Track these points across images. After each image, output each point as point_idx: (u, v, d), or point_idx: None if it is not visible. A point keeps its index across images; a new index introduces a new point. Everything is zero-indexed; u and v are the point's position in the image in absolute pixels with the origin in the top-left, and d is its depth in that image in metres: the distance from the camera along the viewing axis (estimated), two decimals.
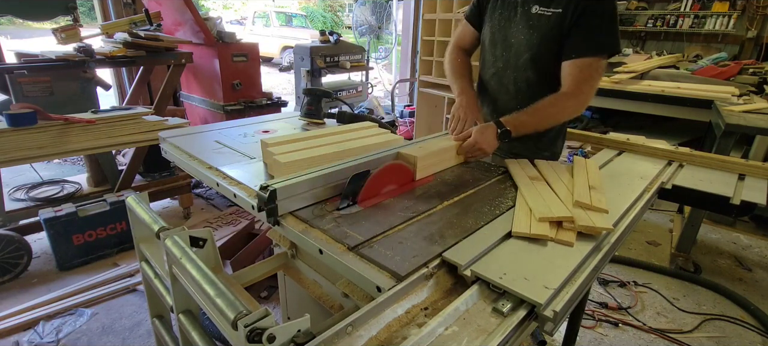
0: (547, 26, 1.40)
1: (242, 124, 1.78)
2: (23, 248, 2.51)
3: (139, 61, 3.10)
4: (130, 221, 1.31)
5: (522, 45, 1.48)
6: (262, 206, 0.99)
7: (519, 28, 1.47)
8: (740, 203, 1.23)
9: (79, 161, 4.20)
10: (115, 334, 2.11)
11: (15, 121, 2.23)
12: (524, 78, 1.52)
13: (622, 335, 2.23)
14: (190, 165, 1.34)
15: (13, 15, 2.87)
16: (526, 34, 1.46)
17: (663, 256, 2.99)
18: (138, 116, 2.64)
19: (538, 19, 1.42)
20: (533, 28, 1.44)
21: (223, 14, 16.54)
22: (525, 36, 1.46)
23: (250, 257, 2.38)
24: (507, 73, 1.56)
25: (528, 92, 1.51)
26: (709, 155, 1.52)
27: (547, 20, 1.40)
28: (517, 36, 1.48)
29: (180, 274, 1.00)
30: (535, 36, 1.43)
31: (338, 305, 1.08)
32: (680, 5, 5.87)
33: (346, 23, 18.90)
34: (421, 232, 0.95)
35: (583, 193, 1.10)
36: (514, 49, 1.50)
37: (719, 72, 3.93)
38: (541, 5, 1.41)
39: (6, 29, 12.92)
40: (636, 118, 4.23)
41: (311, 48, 4.68)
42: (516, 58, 1.51)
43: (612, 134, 1.77)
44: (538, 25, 1.42)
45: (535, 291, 0.74)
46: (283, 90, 9.36)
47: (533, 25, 1.43)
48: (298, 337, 0.64)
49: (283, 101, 4.02)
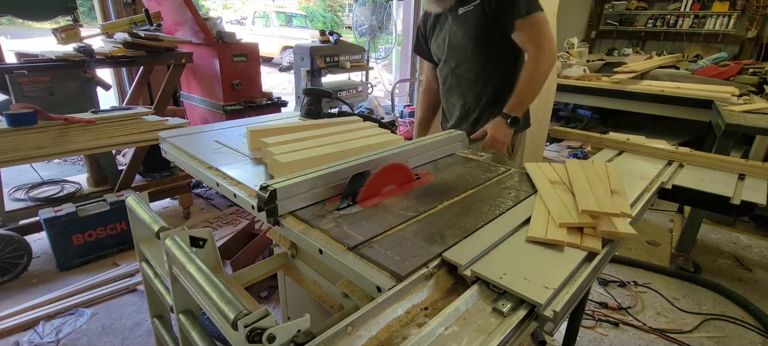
0: (475, 15, 1.66)
1: (242, 124, 1.78)
2: (23, 248, 2.51)
3: (139, 61, 3.10)
4: (130, 221, 1.31)
5: (462, 39, 1.75)
6: (262, 206, 0.99)
7: (454, 30, 1.76)
8: (740, 203, 1.23)
9: (79, 161, 4.19)
10: (115, 334, 2.11)
11: (15, 121, 2.23)
12: (477, 63, 1.77)
13: (622, 335, 2.23)
14: (190, 165, 1.34)
15: (13, 15, 2.87)
16: (462, 30, 1.73)
17: (663, 256, 2.99)
18: (138, 116, 2.64)
19: (466, 15, 1.69)
20: (465, 23, 1.70)
21: (223, 14, 16.55)
22: (462, 32, 1.73)
23: (250, 257, 2.38)
24: (460, 66, 1.82)
25: (485, 72, 1.77)
26: (709, 155, 1.52)
27: (474, 12, 1.66)
28: (456, 35, 1.76)
29: (180, 274, 1.00)
30: (470, 27, 1.70)
31: (338, 305, 1.08)
32: (680, 5, 5.88)
33: (346, 23, 18.89)
34: (421, 232, 0.95)
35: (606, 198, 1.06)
36: (459, 45, 1.77)
37: (719, 72, 3.93)
38: (464, 5, 1.69)
39: (6, 29, 12.92)
40: (636, 118, 4.24)
41: (311, 48, 4.68)
42: (463, 51, 1.77)
43: (612, 134, 1.77)
44: (467, 19, 1.70)
45: (535, 291, 0.74)
46: (283, 90, 9.36)
47: (465, 21, 1.71)
48: (298, 337, 0.64)
49: (283, 101, 4.02)
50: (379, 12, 6.04)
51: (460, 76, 1.84)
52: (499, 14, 1.61)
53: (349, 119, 1.65)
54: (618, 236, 0.94)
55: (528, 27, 1.59)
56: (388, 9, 6.12)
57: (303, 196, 1.06)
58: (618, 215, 0.99)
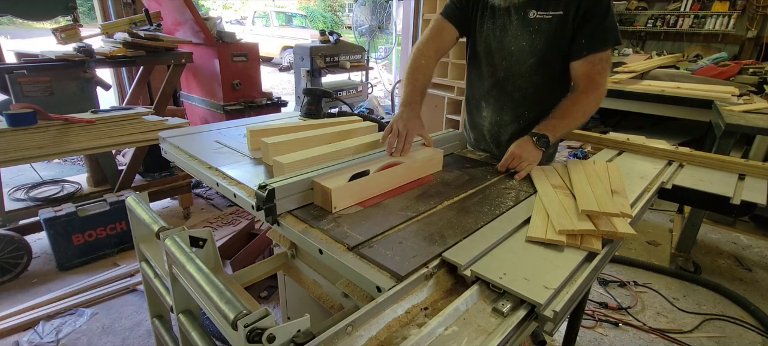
0: (550, 29, 1.38)
1: (242, 125, 1.78)
2: (23, 247, 2.51)
3: (139, 61, 3.10)
4: (130, 221, 1.31)
5: (524, 51, 1.44)
6: (261, 206, 0.99)
7: (518, 35, 1.44)
8: (740, 203, 1.23)
9: (79, 161, 4.19)
10: (115, 334, 2.11)
11: (15, 121, 2.23)
12: (530, 83, 1.49)
13: (622, 335, 2.23)
14: (190, 165, 1.34)
15: (13, 15, 2.87)
16: (527, 40, 1.42)
17: (663, 256, 2.99)
18: (138, 116, 2.64)
19: (539, 23, 1.39)
20: (535, 33, 1.41)
21: (223, 14, 16.55)
22: (527, 42, 1.43)
23: (250, 257, 2.38)
24: (509, 81, 1.51)
25: (535, 96, 1.50)
26: (709, 155, 1.52)
27: (548, 23, 1.38)
28: (518, 43, 1.44)
29: (180, 274, 1.00)
30: (539, 40, 1.41)
31: (338, 305, 1.08)
32: (680, 5, 5.87)
33: (346, 23, 18.90)
34: (421, 232, 0.95)
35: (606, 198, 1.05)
36: (516, 56, 1.46)
37: (719, 72, 3.93)
38: (539, 10, 1.38)
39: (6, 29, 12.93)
40: (636, 118, 4.23)
41: (311, 48, 4.68)
42: (519, 66, 1.47)
43: (612, 134, 1.77)
44: (539, 30, 1.40)
45: (535, 291, 0.74)
46: (283, 90, 9.36)
47: (534, 30, 1.40)
48: (298, 337, 0.64)
49: (283, 101, 4.02)
50: (379, 12, 6.04)
51: (505, 91, 1.54)
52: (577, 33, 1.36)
53: (349, 119, 1.65)
54: (618, 236, 0.94)
55: (597, 62, 1.36)
56: (388, 9, 6.13)
57: (302, 195, 1.06)
58: (618, 215, 0.98)
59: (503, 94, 1.55)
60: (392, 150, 1.28)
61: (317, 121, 1.63)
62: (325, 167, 1.14)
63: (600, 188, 1.12)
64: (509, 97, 1.54)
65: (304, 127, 1.49)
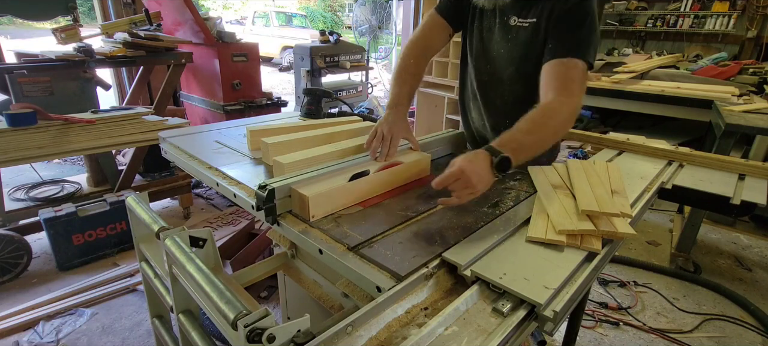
0: (526, 37, 1.31)
1: (242, 125, 1.78)
2: (23, 247, 2.51)
3: (139, 61, 3.10)
4: (130, 221, 1.31)
5: (504, 59, 1.38)
6: (261, 206, 0.99)
7: (498, 41, 1.38)
8: (740, 203, 1.23)
9: (79, 161, 4.19)
10: (115, 334, 2.11)
11: (15, 121, 2.23)
12: (510, 92, 1.42)
13: (622, 335, 2.23)
14: (190, 165, 1.34)
15: (13, 15, 2.88)
16: (505, 47, 1.37)
17: (663, 256, 2.99)
18: (138, 116, 2.64)
19: (517, 30, 1.32)
20: (513, 41, 1.34)
21: (223, 14, 16.56)
22: (505, 50, 1.37)
23: (250, 257, 2.38)
24: (492, 87, 1.46)
25: (515, 106, 1.36)
26: (709, 155, 1.52)
27: (526, 31, 1.31)
28: (498, 49, 1.39)
29: (180, 274, 1.00)
30: (516, 49, 1.34)
31: (338, 305, 1.08)
32: (680, 5, 5.87)
33: (346, 23, 18.90)
34: (421, 232, 0.95)
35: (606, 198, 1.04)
36: (498, 62, 1.40)
37: (719, 72, 3.93)
38: (519, 17, 1.31)
39: (6, 29, 12.93)
40: (636, 118, 4.23)
41: (311, 48, 4.68)
42: (500, 72, 1.41)
43: (612, 134, 1.77)
44: (516, 38, 1.33)
45: (535, 291, 0.74)
46: (283, 90, 9.36)
47: (512, 38, 1.34)
48: (298, 337, 0.64)
49: (283, 101, 4.02)
50: (379, 12, 6.05)
51: (488, 97, 1.50)
52: (548, 38, 1.26)
53: (349, 119, 1.65)
54: (618, 237, 0.94)
55: (572, 66, 1.19)
56: (388, 9, 6.13)
57: None
58: (618, 215, 0.98)
59: (486, 99, 1.50)
60: (376, 155, 1.23)
61: (317, 121, 1.64)
62: (325, 167, 1.14)
63: (600, 188, 1.12)
64: (492, 103, 1.49)
65: (304, 128, 1.49)
